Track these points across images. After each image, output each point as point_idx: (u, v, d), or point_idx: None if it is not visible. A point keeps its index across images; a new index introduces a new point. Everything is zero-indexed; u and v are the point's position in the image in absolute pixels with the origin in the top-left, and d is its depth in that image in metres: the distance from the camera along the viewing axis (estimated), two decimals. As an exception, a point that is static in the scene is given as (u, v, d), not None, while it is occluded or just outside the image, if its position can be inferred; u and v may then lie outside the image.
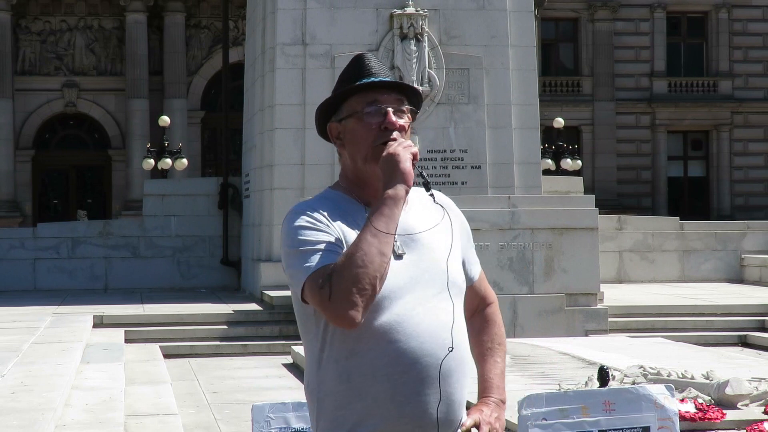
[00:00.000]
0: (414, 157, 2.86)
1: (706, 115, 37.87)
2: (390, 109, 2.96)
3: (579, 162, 29.32)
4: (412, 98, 3.05)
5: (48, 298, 17.73)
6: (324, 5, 17.55)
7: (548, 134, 29.18)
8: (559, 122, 27.82)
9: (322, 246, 2.85)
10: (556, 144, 28.25)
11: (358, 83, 2.98)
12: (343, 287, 2.75)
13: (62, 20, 34.45)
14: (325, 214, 2.91)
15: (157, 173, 27.38)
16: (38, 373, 9.51)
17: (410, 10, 17.41)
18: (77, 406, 8.62)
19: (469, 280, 3.13)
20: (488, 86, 17.83)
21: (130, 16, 33.79)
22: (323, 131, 3.11)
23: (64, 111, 34.51)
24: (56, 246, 19.93)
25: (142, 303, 17.21)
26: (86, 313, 15.52)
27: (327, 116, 3.08)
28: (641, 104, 37.75)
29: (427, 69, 17.36)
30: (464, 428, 2.97)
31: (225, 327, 15.52)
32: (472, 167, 17.62)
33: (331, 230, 2.90)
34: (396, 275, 2.86)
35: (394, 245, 2.85)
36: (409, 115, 3.01)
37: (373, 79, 2.97)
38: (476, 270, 3.17)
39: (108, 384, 9.86)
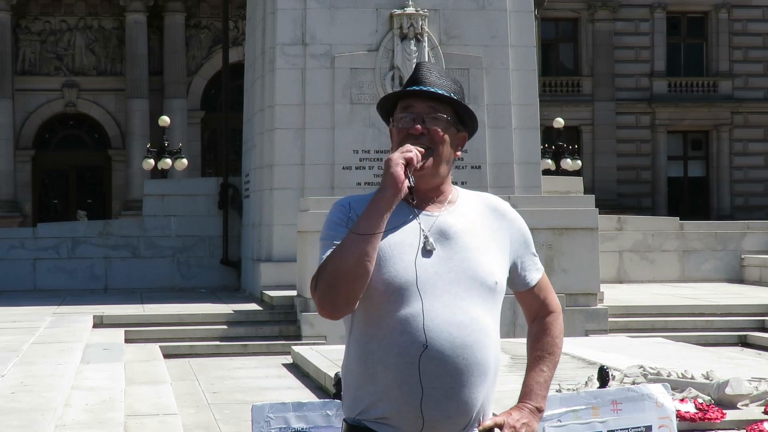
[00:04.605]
0: (408, 162, 2.98)
1: (706, 115, 37.85)
2: (415, 116, 3.11)
3: (579, 162, 29.31)
4: (462, 114, 3.18)
5: (48, 298, 17.73)
6: (324, 5, 17.55)
7: (548, 134, 29.18)
8: (559, 122, 27.82)
9: (338, 242, 3.01)
10: (556, 144, 28.24)
11: (401, 90, 3.19)
12: (322, 284, 2.97)
13: (62, 20, 34.44)
14: (359, 211, 3.06)
15: (157, 173, 27.38)
16: (38, 373, 9.50)
17: (410, 10, 17.40)
18: (77, 406, 8.62)
19: (524, 285, 3.30)
20: (488, 86, 17.83)
21: (130, 16, 33.78)
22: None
23: (64, 111, 34.49)
24: (56, 246, 19.93)
25: (142, 303, 17.21)
26: (86, 313, 15.52)
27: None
28: (641, 104, 37.73)
29: (427, 69, 17.34)
30: (482, 427, 3.03)
31: (225, 327, 15.52)
32: (472, 167, 17.61)
33: None
34: (422, 270, 3.02)
35: (426, 242, 3.04)
36: (447, 123, 3.12)
37: (414, 87, 3.14)
38: (533, 276, 3.32)
39: (108, 384, 9.85)
